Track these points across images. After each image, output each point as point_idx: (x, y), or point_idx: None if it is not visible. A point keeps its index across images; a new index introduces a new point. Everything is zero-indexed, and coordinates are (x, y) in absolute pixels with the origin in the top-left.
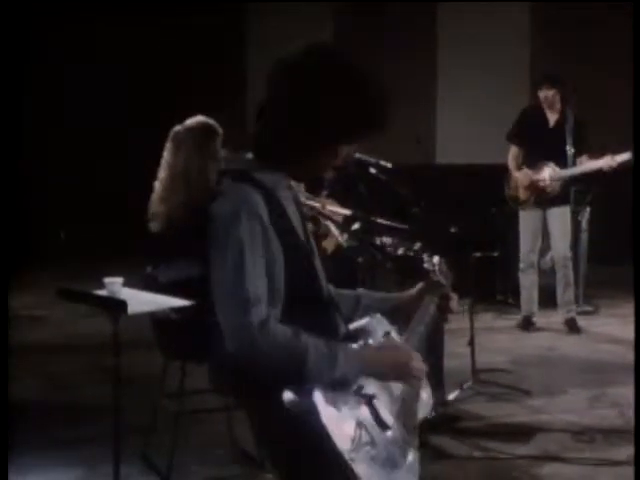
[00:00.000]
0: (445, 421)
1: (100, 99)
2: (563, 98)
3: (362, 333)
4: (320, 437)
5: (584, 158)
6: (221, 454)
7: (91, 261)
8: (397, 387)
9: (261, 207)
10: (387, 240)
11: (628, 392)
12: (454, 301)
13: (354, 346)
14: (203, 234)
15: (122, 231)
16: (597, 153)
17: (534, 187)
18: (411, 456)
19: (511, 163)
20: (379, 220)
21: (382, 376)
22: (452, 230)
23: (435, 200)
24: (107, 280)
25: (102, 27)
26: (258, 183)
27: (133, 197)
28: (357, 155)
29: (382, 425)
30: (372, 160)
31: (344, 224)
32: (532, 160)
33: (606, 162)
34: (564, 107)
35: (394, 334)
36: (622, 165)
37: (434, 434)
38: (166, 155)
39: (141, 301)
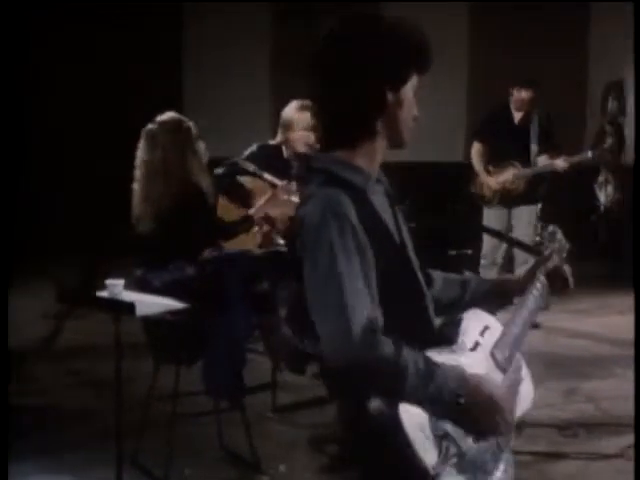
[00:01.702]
0: None
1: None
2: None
3: (456, 329)
4: (405, 451)
5: (544, 158)
6: (213, 457)
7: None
8: None
9: (348, 207)
10: None
11: (600, 385)
12: (568, 275)
13: (454, 370)
14: (191, 232)
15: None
16: (557, 153)
17: (502, 188)
18: (505, 459)
19: (476, 161)
20: None
21: (470, 413)
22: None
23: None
24: (109, 282)
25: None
26: (346, 183)
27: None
28: None
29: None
30: None
31: None
32: (497, 159)
33: (560, 163)
34: (532, 106)
35: (494, 328)
36: (579, 165)
37: None
38: (140, 154)
39: (146, 303)
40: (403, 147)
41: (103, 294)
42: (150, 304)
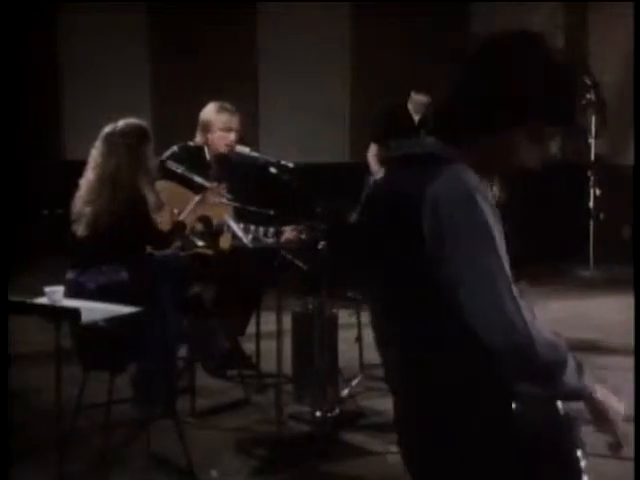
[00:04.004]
0: (350, 417)
1: None
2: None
3: None
4: (569, 457)
5: None
6: (141, 465)
7: None
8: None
9: (484, 188)
10: (290, 236)
11: None
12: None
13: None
14: (128, 241)
15: None
16: None
17: None
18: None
19: (374, 164)
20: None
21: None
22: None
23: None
24: (48, 289)
25: None
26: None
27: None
28: (255, 154)
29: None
30: (272, 160)
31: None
32: None
33: None
34: (428, 108)
35: None
36: None
37: (344, 431)
38: (95, 155)
39: (89, 309)
40: (492, 176)
41: (42, 301)
42: (93, 310)
